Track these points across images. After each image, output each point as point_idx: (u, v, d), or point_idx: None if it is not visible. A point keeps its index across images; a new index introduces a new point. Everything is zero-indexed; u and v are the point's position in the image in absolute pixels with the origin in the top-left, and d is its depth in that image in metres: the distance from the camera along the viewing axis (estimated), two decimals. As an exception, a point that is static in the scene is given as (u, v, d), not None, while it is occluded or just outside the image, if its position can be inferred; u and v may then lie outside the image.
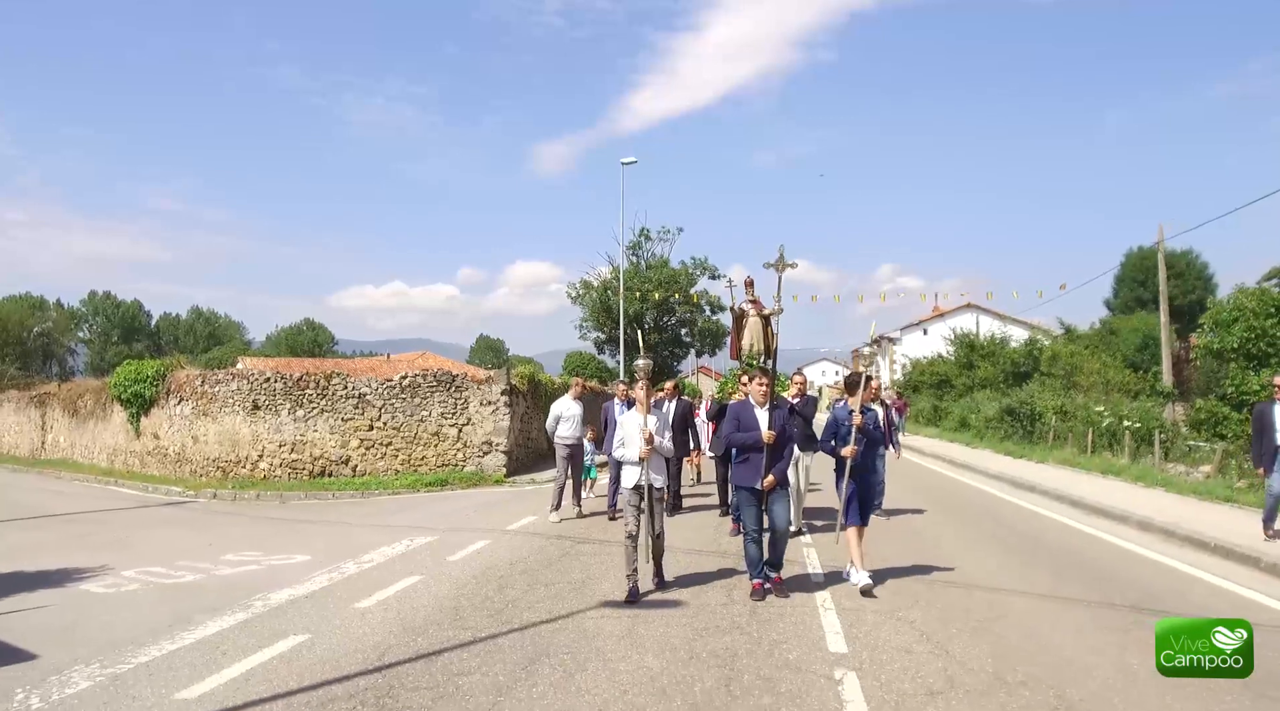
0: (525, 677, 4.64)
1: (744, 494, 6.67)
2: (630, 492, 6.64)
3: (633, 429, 6.68)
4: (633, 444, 6.63)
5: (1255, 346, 19.63)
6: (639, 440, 6.54)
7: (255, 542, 9.83)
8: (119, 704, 4.37)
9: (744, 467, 6.67)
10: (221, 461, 17.48)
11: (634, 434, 6.63)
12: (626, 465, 6.74)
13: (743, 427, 6.71)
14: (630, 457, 6.64)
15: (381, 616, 6.07)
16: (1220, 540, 8.48)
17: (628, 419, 6.82)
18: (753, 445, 6.61)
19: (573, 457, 11.33)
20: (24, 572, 8.30)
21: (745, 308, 18.53)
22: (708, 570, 7.63)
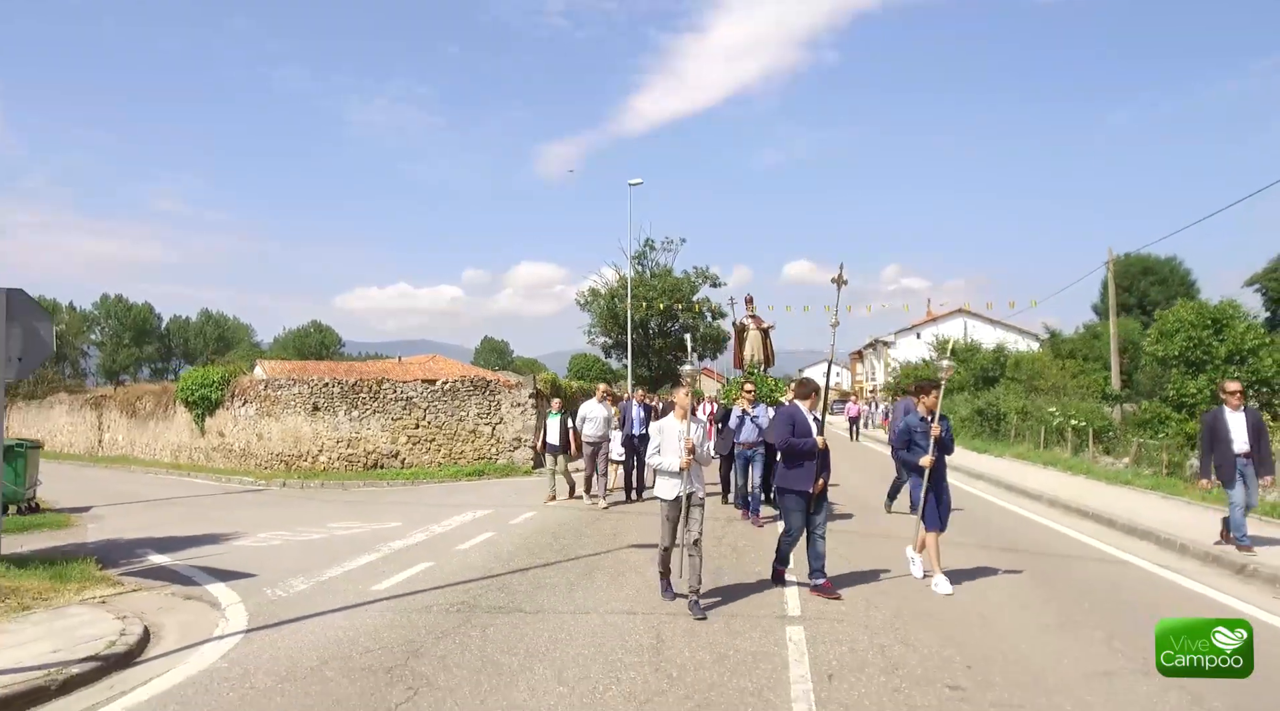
0: (586, 580, 7.25)
1: (793, 497, 6.65)
2: (668, 504, 6.26)
3: (672, 437, 6.23)
4: (671, 452, 6.20)
5: (1193, 354, 22.15)
6: (680, 449, 6.14)
7: (347, 515, 12.40)
8: (335, 593, 6.95)
9: (797, 472, 6.64)
10: (285, 456, 20.09)
11: (673, 442, 6.21)
12: (665, 475, 6.27)
13: (798, 433, 6.68)
14: (670, 467, 6.19)
15: (478, 553, 8.68)
16: (1099, 510, 11.06)
17: (667, 426, 6.30)
18: (808, 451, 6.62)
19: (596, 453, 12.73)
20: (181, 536, 10.85)
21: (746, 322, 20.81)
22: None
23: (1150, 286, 62.34)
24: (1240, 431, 8.41)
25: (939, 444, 7.02)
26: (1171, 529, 9.46)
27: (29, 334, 7.88)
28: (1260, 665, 3.26)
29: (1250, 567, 7.51)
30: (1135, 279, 63.19)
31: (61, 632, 5.63)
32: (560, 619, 5.96)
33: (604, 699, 4.34)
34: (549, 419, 13.28)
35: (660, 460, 6.26)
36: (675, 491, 6.22)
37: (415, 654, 5.14)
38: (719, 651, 5.13)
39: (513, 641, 5.40)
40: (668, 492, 6.28)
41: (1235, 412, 8.54)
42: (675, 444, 6.20)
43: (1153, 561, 8.33)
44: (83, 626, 5.79)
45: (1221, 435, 8.46)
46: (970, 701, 4.30)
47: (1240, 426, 8.42)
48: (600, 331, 50.10)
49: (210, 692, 4.55)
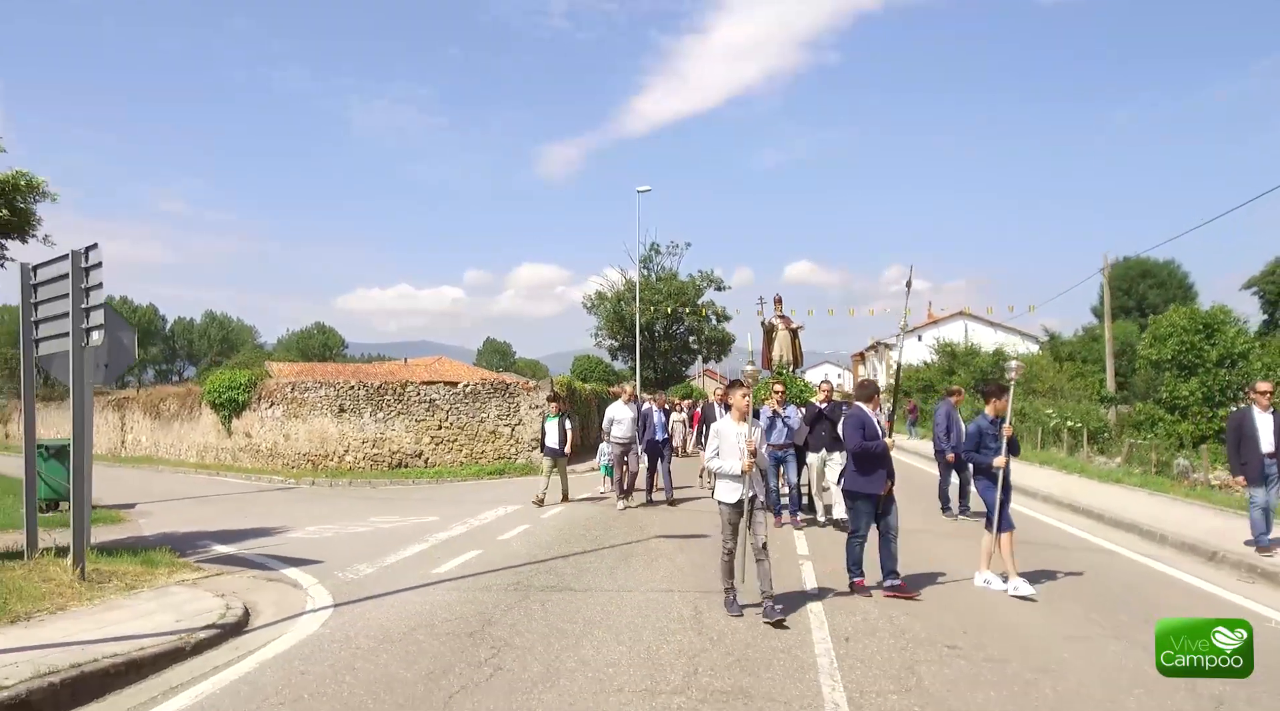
0: (624, 564, 8.08)
1: (863, 499, 6.74)
2: (729, 509, 6.09)
3: (731, 440, 6.10)
4: (731, 455, 6.07)
5: (1186, 358, 23.03)
6: (741, 452, 6.01)
7: (385, 511, 13.22)
8: (401, 576, 7.78)
9: (868, 476, 6.73)
10: (311, 455, 20.94)
11: (732, 445, 6.08)
12: (726, 479, 6.13)
13: (868, 436, 6.73)
14: (732, 470, 6.03)
15: (519, 542, 9.52)
16: (1089, 506, 11.87)
17: (725, 429, 6.19)
18: (881, 454, 6.71)
19: (626, 454, 12.80)
20: (234, 529, 11.66)
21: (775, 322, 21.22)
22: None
23: (1149, 289, 63.16)
24: (1268, 432, 8.32)
25: (1010, 445, 7.03)
26: (1154, 522, 10.26)
27: (114, 342, 8.67)
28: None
29: (1220, 554, 8.33)
30: (1134, 282, 64.05)
31: (174, 607, 6.45)
32: (607, 595, 6.79)
33: (658, 655, 5.17)
34: (547, 421, 13.43)
35: (720, 463, 6.11)
36: (737, 495, 6.06)
37: (489, 622, 5.97)
38: (750, 620, 5.96)
39: (570, 613, 6.23)
40: (729, 496, 6.10)
41: (1264, 413, 8.42)
42: (734, 446, 6.06)
43: (1135, 550, 9.14)
44: (189, 602, 6.62)
45: (1249, 434, 8.38)
46: (965, 657, 5.12)
47: (1268, 427, 8.33)
48: (607, 334, 50.98)
49: (324, 651, 5.38)
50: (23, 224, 9.33)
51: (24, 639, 5.39)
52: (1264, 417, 8.39)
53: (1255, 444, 8.33)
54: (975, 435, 7.14)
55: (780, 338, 21.70)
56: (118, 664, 4.95)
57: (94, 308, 7.06)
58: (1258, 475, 8.30)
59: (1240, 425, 8.52)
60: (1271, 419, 8.36)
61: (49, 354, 7.94)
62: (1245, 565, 7.85)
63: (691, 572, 7.71)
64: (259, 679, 4.85)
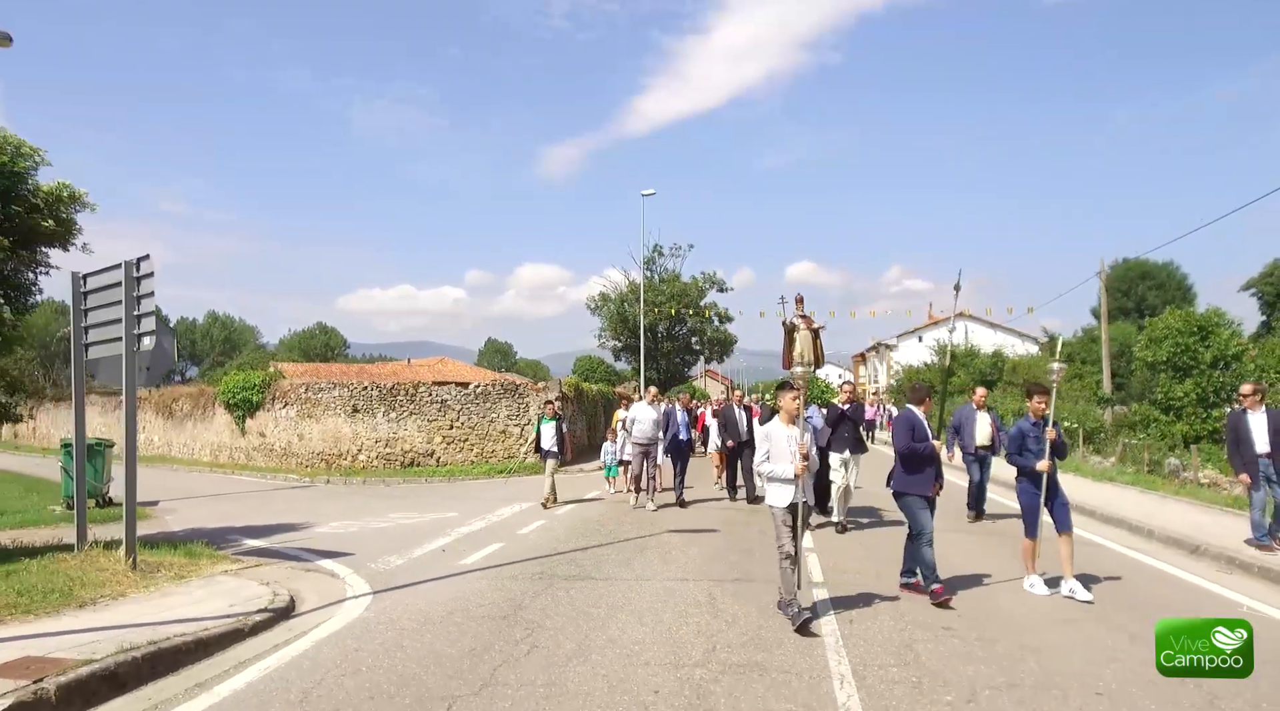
0: (640, 557, 8.57)
1: (918, 501, 6.77)
2: (782, 512, 6.01)
3: (782, 443, 6.06)
4: (782, 458, 6.02)
5: (1180, 360, 23.51)
6: (792, 455, 5.99)
7: (404, 507, 13.70)
8: (430, 567, 8.26)
9: (917, 476, 6.78)
10: (325, 454, 21.43)
11: (784, 448, 6.04)
12: (777, 483, 6.06)
13: (917, 438, 6.78)
14: (785, 474, 5.98)
15: (538, 536, 10.01)
16: (1082, 502, 12.28)
17: (775, 432, 6.14)
18: (929, 455, 6.74)
19: (646, 455, 12.52)
20: (260, 525, 12.14)
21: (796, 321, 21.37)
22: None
23: (1148, 291, 63.54)
24: (1261, 432, 8.47)
25: (1054, 448, 6.94)
26: (1143, 518, 10.73)
27: (156, 347, 9.17)
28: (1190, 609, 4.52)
29: (1201, 547, 8.80)
30: (1134, 283, 64.47)
31: (225, 594, 6.94)
32: (627, 584, 7.28)
33: (679, 635, 5.65)
34: (544, 423, 13.12)
35: (772, 467, 6.04)
36: (790, 498, 6.00)
37: (520, 607, 6.46)
38: (761, 605, 6.44)
39: (594, 599, 6.72)
40: (782, 500, 6.03)
41: (1256, 413, 8.60)
42: (786, 449, 6.04)
43: (1121, 543, 9.62)
44: (238, 590, 7.11)
45: (1243, 436, 8.57)
46: (960, 636, 5.60)
47: (1261, 427, 8.49)
48: (610, 335, 51.48)
49: (371, 632, 5.87)
50: (65, 233, 9.79)
51: (96, 621, 5.87)
52: (1256, 417, 8.62)
53: (1250, 445, 8.55)
54: (1017, 438, 7.06)
55: (802, 337, 21.71)
56: (188, 642, 5.43)
57: (145, 315, 7.54)
58: (1254, 475, 8.52)
59: (1235, 427, 8.77)
60: (1264, 418, 8.56)
61: (97, 357, 8.43)
62: (1225, 557, 8.33)
63: (703, 563, 8.20)
64: (317, 655, 5.34)
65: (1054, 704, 4.40)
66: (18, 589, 6.54)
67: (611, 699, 4.44)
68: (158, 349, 10.25)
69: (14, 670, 4.65)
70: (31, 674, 4.58)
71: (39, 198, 9.44)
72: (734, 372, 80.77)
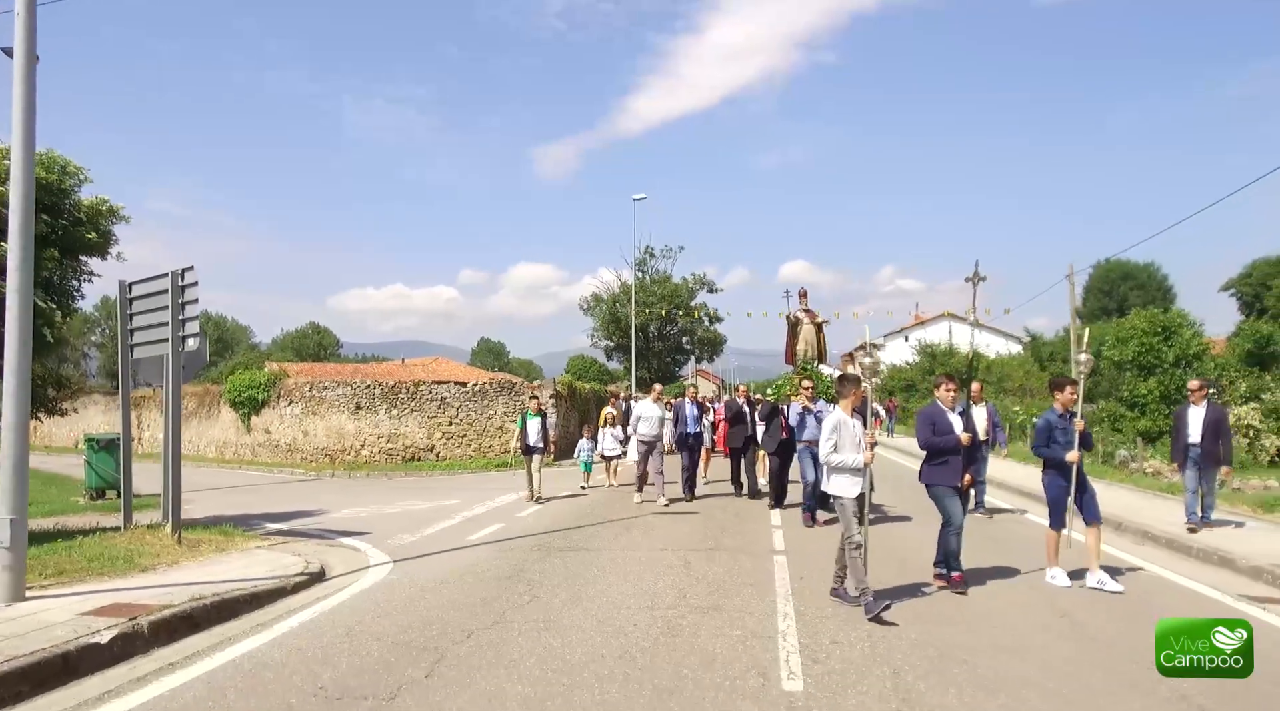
0: (626, 533, 9.65)
1: (946, 491, 6.83)
2: (852, 503, 6.13)
3: (849, 432, 6.20)
4: (850, 448, 6.15)
5: (1145, 359, 24.69)
6: (860, 446, 6.17)
7: (408, 497, 14.73)
8: (441, 542, 9.31)
9: (943, 469, 6.82)
10: (329, 450, 22.45)
11: (850, 438, 6.18)
12: (842, 473, 6.16)
13: (938, 431, 6.81)
14: (856, 464, 6.11)
15: (535, 519, 11.08)
16: (1034, 489, 13.42)
17: (843, 422, 6.23)
18: (951, 448, 6.77)
19: (650, 452, 12.57)
20: (277, 512, 13.16)
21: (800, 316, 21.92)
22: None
23: (1130, 291, 64.79)
24: (1197, 424, 9.35)
25: (1081, 438, 7.00)
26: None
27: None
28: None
29: (1123, 524, 9.92)
30: (1115, 284, 65.76)
31: (263, 563, 7.97)
32: (614, 553, 8.36)
33: (656, 588, 6.73)
34: (528, 419, 13.20)
35: (841, 457, 6.13)
36: (858, 488, 6.14)
37: (521, 570, 7.53)
38: (729, 567, 7.53)
39: (585, 563, 7.80)
40: (850, 489, 6.14)
41: (1196, 407, 9.47)
42: (854, 439, 6.17)
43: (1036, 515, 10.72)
44: (275, 560, 8.14)
45: (1180, 427, 9.55)
46: (901, 588, 6.69)
47: (1198, 419, 9.37)
48: (603, 335, 52.64)
49: (396, 588, 6.93)
50: (104, 244, 10.80)
51: (160, 581, 6.91)
52: (1196, 411, 9.50)
53: (1184, 435, 9.51)
54: (1044, 430, 7.14)
55: (805, 332, 22.15)
56: (245, 594, 6.48)
57: (190, 319, 8.58)
58: (1183, 463, 9.52)
59: (1178, 418, 9.75)
60: (1203, 412, 9.44)
61: (139, 358, 9.44)
62: (1141, 532, 9.46)
63: (683, 538, 9.27)
64: (355, 604, 6.40)
65: (953, 629, 5.49)
66: (87, 557, 7.58)
67: (598, 630, 5.51)
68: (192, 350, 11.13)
69: (110, 611, 5.69)
70: (125, 613, 5.62)
71: (81, 212, 10.46)
72: (725, 372, 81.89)
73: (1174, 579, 7.43)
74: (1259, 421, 23.82)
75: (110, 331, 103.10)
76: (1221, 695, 4.26)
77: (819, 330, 22.05)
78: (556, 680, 4.53)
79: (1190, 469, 9.50)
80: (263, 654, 5.15)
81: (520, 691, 4.35)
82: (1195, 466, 9.50)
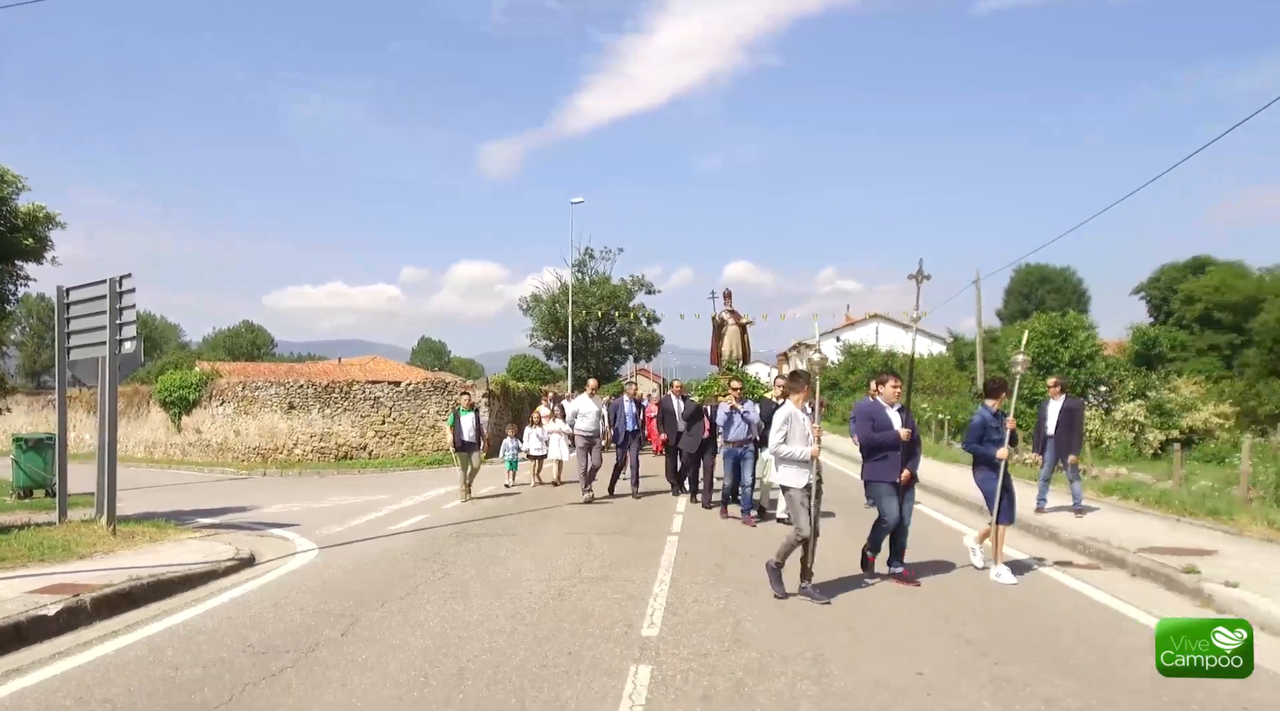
0: (542, 521, 10.51)
1: (884, 488, 6.90)
2: (800, 493, 6.35)
3: (799, 427, 6.43)
4: (799, 440, 6.38)
5: (1043, 359, 26.57)
6: (809, 439, 6.38)
7: (339, 493, 15.29)
8: (366, 531, 10.02)
9: (882, 464, 6.90)
10: (262, 449, 22.72)
11: (801, 432, 6.42)
12: (791, 465, 6.40)
13: (878, 428, 6.90)
14: (803, 455, 6.34)
15: (459, 511, 11.84)
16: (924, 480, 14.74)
17: (795, 415, 6.46)
18: (890, 443, 6.84)
19: (589, 448, 12.61)
20: (210, 508, 13.60)
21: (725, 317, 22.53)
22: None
23: (1047, 294, 68.20)
24: (1053, 417, 10.40)
25: (1010, 437, 7.21)
26: (961, 490, 13.09)
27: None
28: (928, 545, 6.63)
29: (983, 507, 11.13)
30: (1034, 286, 69.14)
31: (196, 551, 8.58)
32: (527, 537, 9.22)
33: (556, 564, 7.62)
34: (461, 415, 13.21)
35: (790, 448, 6.36)
36: (806, 478, 6.36)
37: (438, 553, 8.32)
38: (627, 546, 8.47)
39: (499, 547, 8.63)
40: (799, 480, 6.37)
41: (1054, 402, 10.54)
42: (802, 432, 6.40)
43: (935, 509, 11.93)
44: (207, 548, 8.75)
45: (1040, 420, 10.69)
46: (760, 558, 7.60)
47: (1054, 413, 10.42)
48: (542, 335, 53.30)
49: (320, 569, 7.66)
50: (40, 249, 11.18)
51: (99, 566, 7.49)
52: (1052, 405, 10.63)
53: (1042, 427, 10.66)
54: (979, 428, 7.30)
55: (730, 333, 22.67)
56: (178, 576, 7.13)
57: (127, 323, 9.12)
58: (1040, 451, 10.68)
59: (1040, 412, 10.87)
60: (1059, 406, 10.53)
61: (75, 360, 9.91)
62: (977, 508, 10.63)
63: (593, 524, 10.17)
64: (281, 582, 7.13)
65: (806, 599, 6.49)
66: (27, 546, 8.10)
67: (497, 597, 6.37)
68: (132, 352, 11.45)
69: (54, 590, 6.32)
70: (69, 591, 6.25)
71: (19, 218, 10.85)
72: (666, 371, 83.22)
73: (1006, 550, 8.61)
74: (1144, 417, 25.94)
75: (31, 330, 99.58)
76: (992, 637, 5.34)
77: (743, 331, 22.82)
78: (454, 634, 5.37)
79: (1047, 457, 10.61)
80: (197, 622, 5.87)
81: (422, 643, 5.18)
82: (1051, 454, 10.63)
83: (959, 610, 6.03)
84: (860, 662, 4.79)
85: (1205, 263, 59.06)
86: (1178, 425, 24.52)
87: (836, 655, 4.91)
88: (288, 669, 4.70)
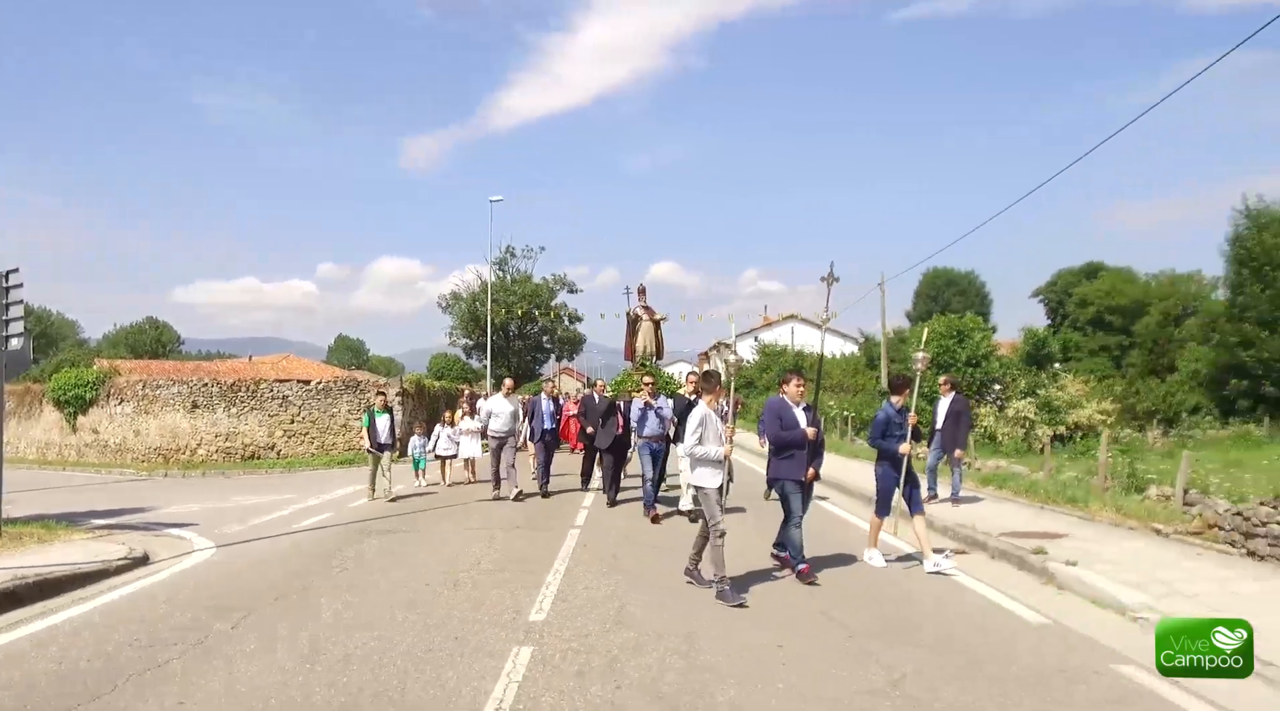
0: (447, 518, 10.65)
1: (791, 485, 6.97)
2: (714, 493, 6.39)
3: (713, 428, 6.45)
4: (713, 441, 6.42)
5: (942, 359, 27.90)
6: (721, 439, 6.45)
7: (243, 493, 15.01)
8: (268, 530, 9.97)
9: (789, 463, 6.96)
10: (163, 449, 21.99)
11: (715, 433, 6.45)
12: (705, 465, 6.42)
13: (785, 426, 6.96)
14: (716, 456, 6.38)
15: (366, 509, 11.85)
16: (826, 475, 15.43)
17: (710, 416, 6.46)
18: (797, 442, 6.91)
19: (502, 448, 12.44)
20: (106, 509, 13.20)
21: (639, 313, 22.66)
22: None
23: (953, 296, 71.24)
24: (941, 413, 11.29)
25: (913, 433, 7.49)
26: (854, 483, 13.80)
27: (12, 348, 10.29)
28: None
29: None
30: (941, 289, 72.09)
31: (88, 551, 8.42)
32: (429, 533, 9.38)
33: (457, 557, 7.82)
34: (376, 416, 12.91)
35: (704, 449, 6.37)
36: (720, 479, 6.45)
37: (340, 549, 8.41)
38: (529, 540, 8.73)
39: (401, 543, 8.77)
40: (712, 481, 6.42)
41: (945, 398, 11.45)
42: (715, 433, 6.44)
43: (833, 502, 12.57)
44: (98, 548, 8.59)
45: (933, 416, 11.55)
46: (655, 548, 8.08)
47: (943, 409, 11.35)
48: (462, 333, 52.85)
49: (215, 567, 7.67)
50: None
51: (-19, 567, 7.32)
52: (943, 402, 11.51)
53: (933, 422, 11.44)
54: (882, 423, 7.49)
55: (644, 329, 22.76)
56: (66, 575, 7.05)
57: (14, 319, 8.87)
58: (931, 444, 11.43)
59: (933, 409, 11.71)
60: (947, 402, 11.40)
61: (-43, 356, 9.54)
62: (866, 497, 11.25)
63: (499, 519, 10.37)
64: (174, 581, 7.13)
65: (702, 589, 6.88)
66: (-98, 549, 7.82)
67: (395, 589, 6.55)
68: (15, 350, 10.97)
69: (-69, 592, 6.19)
70: (-53, 593, 6.14)
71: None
72: (591, 370, 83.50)
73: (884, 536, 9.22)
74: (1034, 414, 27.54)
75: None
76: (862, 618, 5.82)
77: (657, 327, 23.04)
78: (345, 625, 5.55)
79: (934, 449, 11.36)
80: (84, 618, 5.86)
81: (311, 633, 5.34)
82: (938, 448, 11.43)
83: (833, 593, 6.52)
84: (729, 639, 5.19)
85: (1098, 268, 62.98)
86: (1064, 421, 26.11)
87: (708, 633, 5.30)
88: (174, 660, 4.81)
